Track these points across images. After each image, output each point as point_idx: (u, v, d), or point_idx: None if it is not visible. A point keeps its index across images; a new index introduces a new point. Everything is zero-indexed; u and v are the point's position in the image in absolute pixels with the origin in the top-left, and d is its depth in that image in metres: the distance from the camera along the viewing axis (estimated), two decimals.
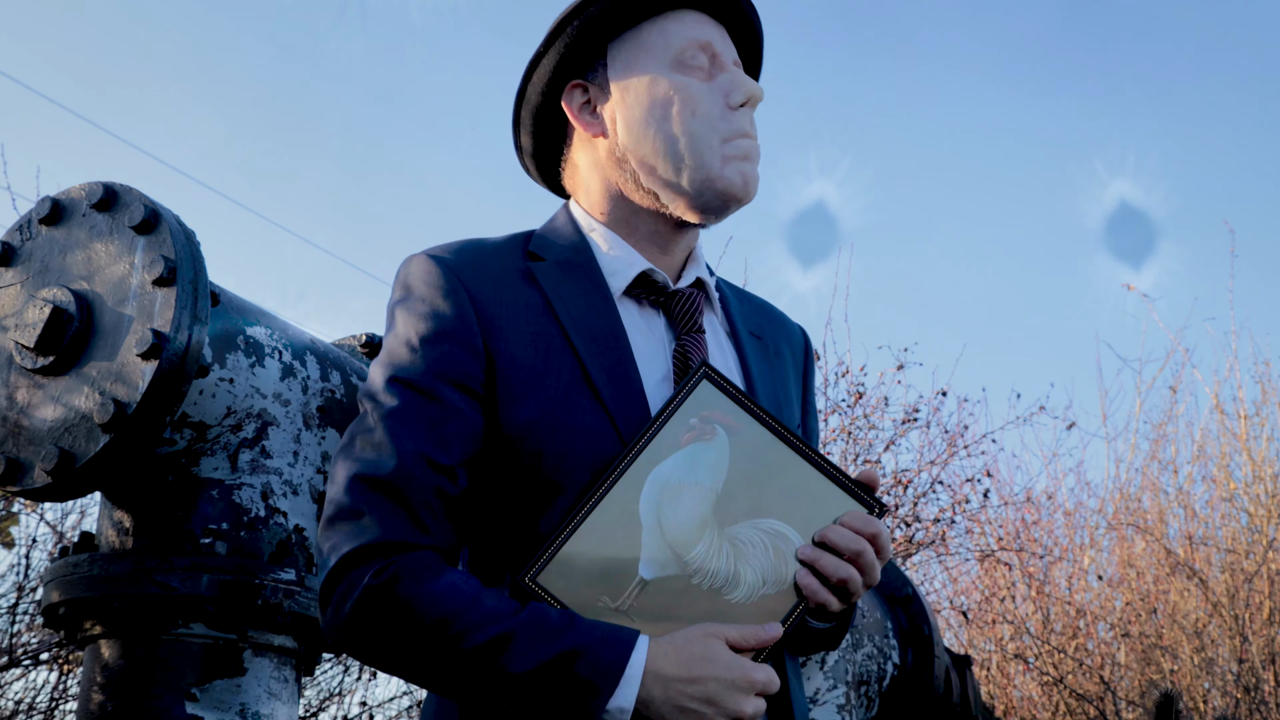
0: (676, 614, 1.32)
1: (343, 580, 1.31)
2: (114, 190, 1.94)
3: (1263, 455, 7.75)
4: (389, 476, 1.34)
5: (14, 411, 1.91)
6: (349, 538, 1.32)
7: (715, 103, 1.53)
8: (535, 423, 1.39)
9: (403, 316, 1.45)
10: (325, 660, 5.00)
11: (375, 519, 1.33)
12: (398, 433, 1.36)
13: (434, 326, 1.42)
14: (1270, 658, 6.58)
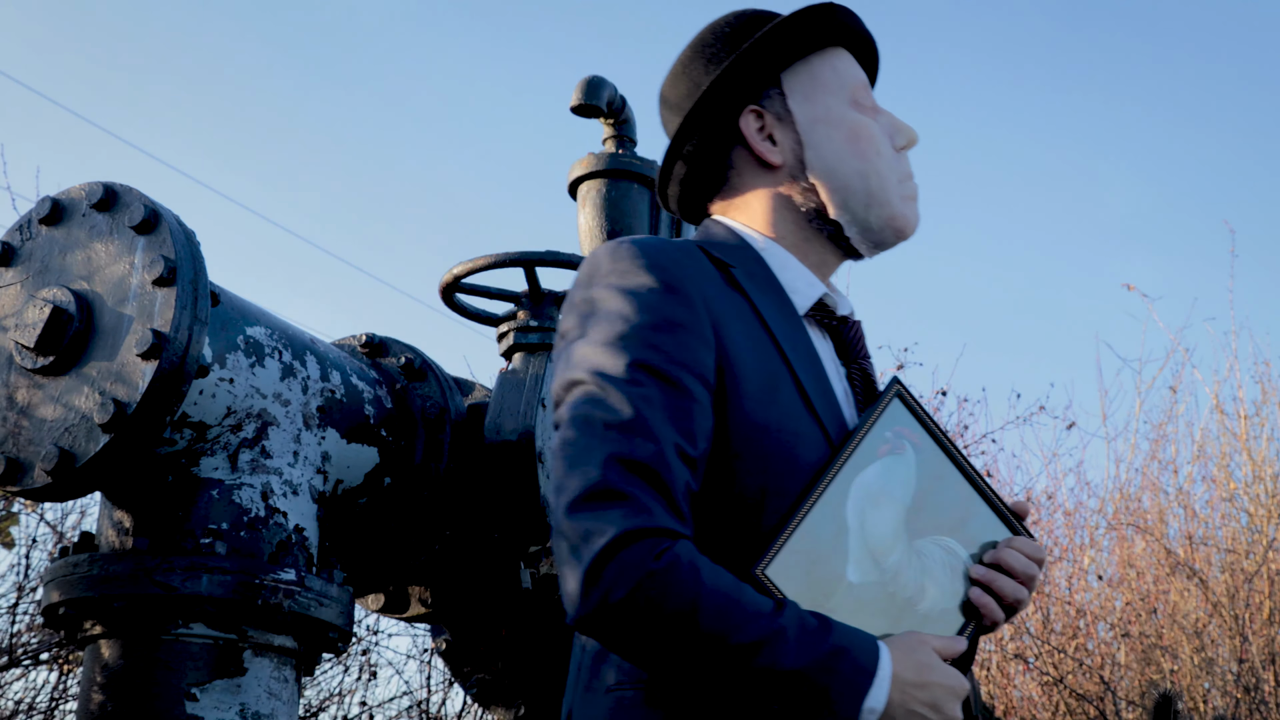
0: (872, 618, 1.36)
1: (613, 561, 1.27)
2: (114, 190, 1.94)
3: (1263, 455, 7.74)
4: (649, 461, 1.32)
5: (14, 411, 1.91)
6: (618, 518, 1.29)
7: (886, 143, 1.60)
8: (765, 426, 1.40)
9: (624, 301, 1.40)
10: (325, 660, 5.00)
11: (643, 502, 1.30)
12: (652, 418, 1.34)
13: (668, 315, 1.40)
14: (1270, 658, 6.58)
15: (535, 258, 2.26)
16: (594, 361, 1.37)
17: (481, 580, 2.38)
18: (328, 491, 2.10)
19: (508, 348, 2.31)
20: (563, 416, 1.37)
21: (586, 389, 1.36)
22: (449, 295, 2.37)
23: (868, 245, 1.59)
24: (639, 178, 2.98)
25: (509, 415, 2.21)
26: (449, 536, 2.27)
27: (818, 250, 1.59)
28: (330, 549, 2.20)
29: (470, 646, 2.68)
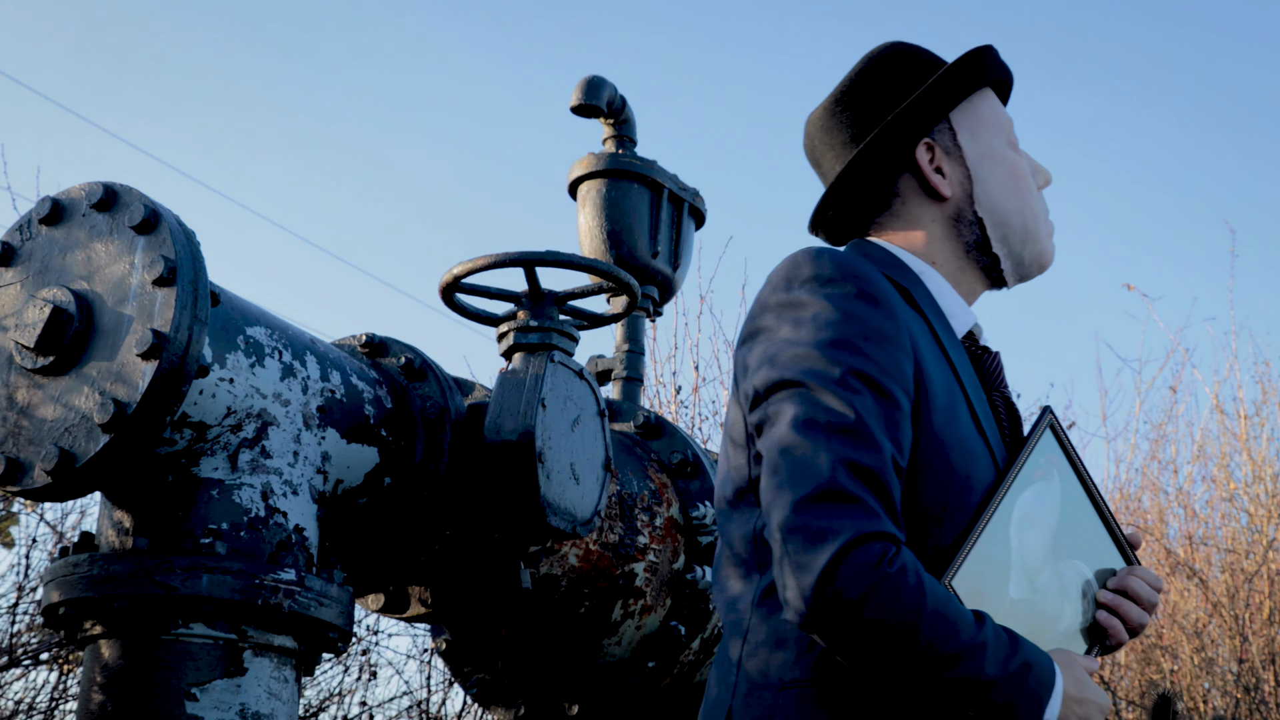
0: (1023, 634, 1.42)
1: (847, 561, 1.31)
2: (114, 190, 1.94)
3: (1263, 455, 7.74)
4: (874, 469, 1.36)
5: (14, 411, 1.91)
6: (852, 520, 1.33)
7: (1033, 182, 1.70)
8: (948, 442, 1.46)
9: (832, 308, 1.42)
10: (325, 660, 5.00)
11: (873, 507, 1.35)
12: (874, 428, 1.38)
13: (877, 326, 1.43)
14: (1270, 658, 6.58)
15: (535, 258, 2.26)
16: (807, 365, 1.39)
17: (481, 580, 2.38)
18: (328, 491, 2.10)
19: (508, 348, 2.31)
20: (776, 415, 1.39)
21: (803, 391, 1.39)
22: (449, 295, 2.37)
23: (1016, 277, 1.69)
24: (639, 178, 2.98)
25: (509, 415, 2.21)
26: (449, 536, 2.27)
27: (970, 279, 1.66)
28: (330, 549, 2.20)
29: (470, 646, 2.68)
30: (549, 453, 2.22)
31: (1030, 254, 1.67)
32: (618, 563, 2.52)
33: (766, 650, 1.44)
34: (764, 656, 1.44)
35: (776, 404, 1.40)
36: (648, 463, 2.71)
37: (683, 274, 3.09)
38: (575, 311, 2.41)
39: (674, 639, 2.59)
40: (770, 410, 1.40)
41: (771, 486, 1.36)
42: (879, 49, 1.70)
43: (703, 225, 3.17)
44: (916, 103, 1.62)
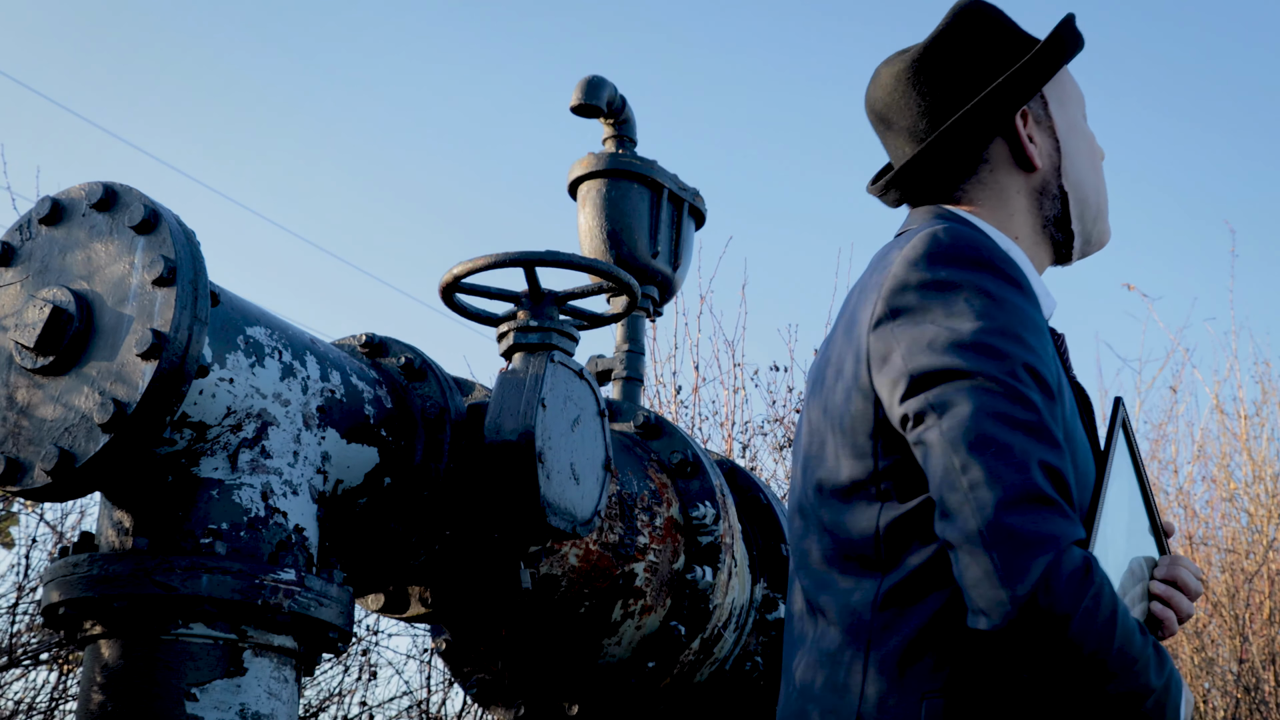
0: None
1: (1059, 570, 1.28)
2: (114, 190, 1.94)
3: (1263, 455, 7.74)
4: (1060, 469, 1.34)
5: (14, 411, 1.91)
6: (1060, 528, 1.30)
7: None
8: (1075, 438, 1.44)
9: (987, 297, 1.37)
10: (325, 660, 5.00)
11: (1069, 511, 1.33)
12: (1052, 430, 1.34)
13: (1033, 317, 1.40)
14: (1270, 658, 6.57)
15: (535, 258, 2.26)
16: (978, 355, 1.33)
17: (481, 580, 2.38)
18: (328, 491, 2.10)
19: (508, 348, 2.31)
20: (947, 407, 1.33)
21: (980, 384, 1.32)
22: (449, 295, 2.37)
23: (1080, 255, 1.66)
24: (639, 178, 2.98)
25: (509, 415, 2.21)
26: (449, 536, 2.27)
27: (1041, 255, 1.63)
28: (330, 549, 2.20)
29: (470, 646, 2.68)
30: (549, 453, 2.22)
31: (1098, 232, 1.65)
32: (618, 563, 2.52)
33: (900, 656, 1.38)
34: (898, 662, 1.38)
35: (946, 394, 1.32)
36: (648, 463, 2.71)
37: (683, 274, 3.09)
38: (575, 311, 2.41)
39: (674, 639, 2.59)
40: (935, 399, 1.33)
41: (959, 485, 1.30)
42: (964, 6, 1.62)
43: (703, 225, 3.17)
44: (1024, 70, 1.55)
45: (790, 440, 6.82)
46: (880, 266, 1.47)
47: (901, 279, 1.40)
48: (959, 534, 1.30)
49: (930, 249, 1.41)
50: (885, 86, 1.63)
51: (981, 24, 1.61)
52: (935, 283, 1.38)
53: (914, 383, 1.35)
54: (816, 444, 1.50)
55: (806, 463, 1.52)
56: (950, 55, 1.59)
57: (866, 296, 1.46)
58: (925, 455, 1.34)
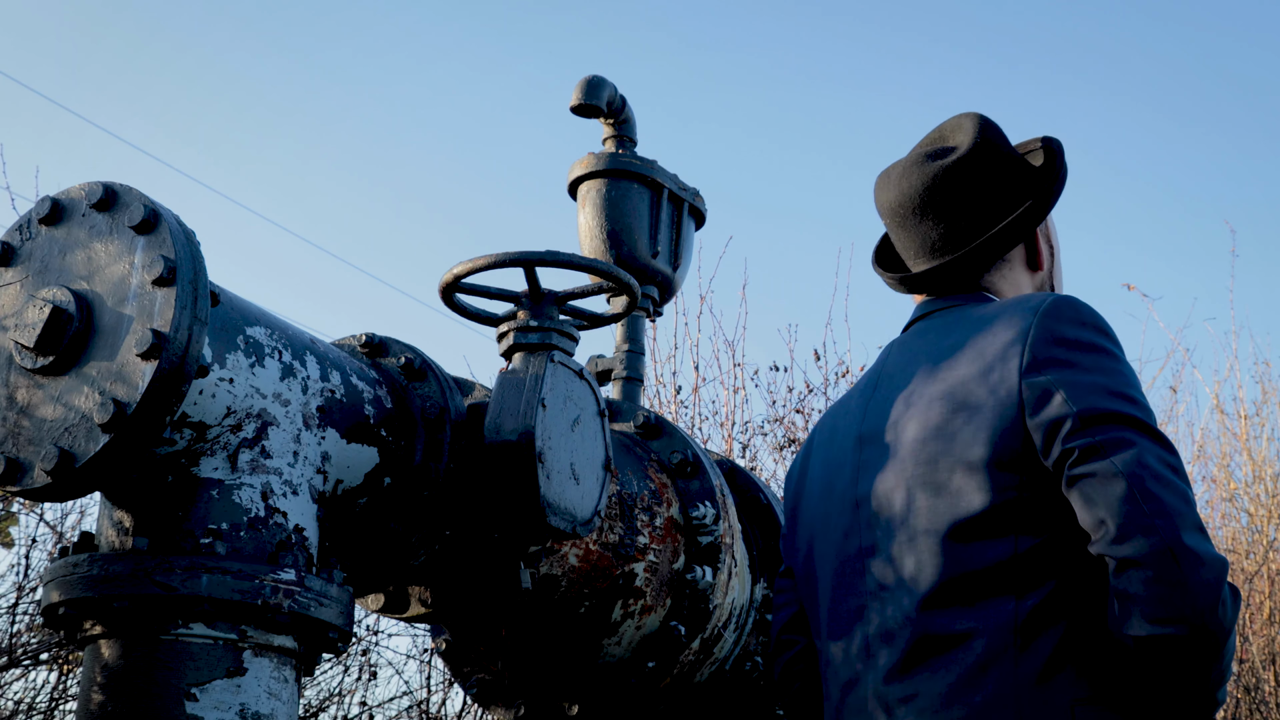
0: None
1: (1226, 590, 1.53)
2: (114, 190, 1.94)
3: (1263, 455, 7.74)
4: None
5: (14, 411, 1.91)
6: (1220, 554, 1.54)
7: None
8: None
9: (1121, 358, 1.67)
10: (325, 660, 5.00)
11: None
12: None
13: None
14: (1270, 658, 6.57)
15: (535, 258, 2.26)
16: (1136, 408, 1.60)
17: (481, 580, 2.38)
18: (328, 491, 2.10)
19: (508, 348, 2.31)
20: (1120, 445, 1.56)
21: (1147, 431, 1.58)
22: (449, 295, 2.37)
23: None
24: (639, 178, 2.98)
25: (509, 415, 2.21)
26: (449, 536, 2.27)
27: None
28: (330, 549, 2.20)
29: (470, 646, 2.67)
30: (549, 453, 2.22)
31: None
32: (618, 563, 2.52)
33: (1046, 669, 1.57)
34: (1044, 676, 1.57)
35: (1115, 433, 1.57)
36: (648, 463, 2.70)
37: (683, 274, 3.09)
38: (575, 311, 2.41)
39: (674, 639, 2.59)
40: (1105, 437, 1.56)
41: (1140, 511, 1.52)
42: (985, 125, 1.92)
43: (703, 225, 3.17)
44: (1051, 193, 1.90)
45: (791, 440, 6.81)
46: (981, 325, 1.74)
47: (1050, 331, 1.66)
48: (1142, 552, 1.51)
49: (1072, 313, 1.68)
50: (919, 188, 1.89)
51: (1001, 142, 1.92)
52: (1084, 343, 1.65)
53: (1082, 422, 1.58)
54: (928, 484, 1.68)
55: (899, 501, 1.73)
56: (984, 170, 1.88)
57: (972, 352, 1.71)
58: (1092, 485, 1.56)
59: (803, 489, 2.00)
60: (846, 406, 1.93)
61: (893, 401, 1.77)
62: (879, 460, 1.76)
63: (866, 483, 1.77)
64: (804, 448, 2.03)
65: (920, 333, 1.84)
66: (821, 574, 1.86)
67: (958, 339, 1.74)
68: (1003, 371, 1.64)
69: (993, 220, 1.87)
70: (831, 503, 1.86)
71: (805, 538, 1.93)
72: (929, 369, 1.74)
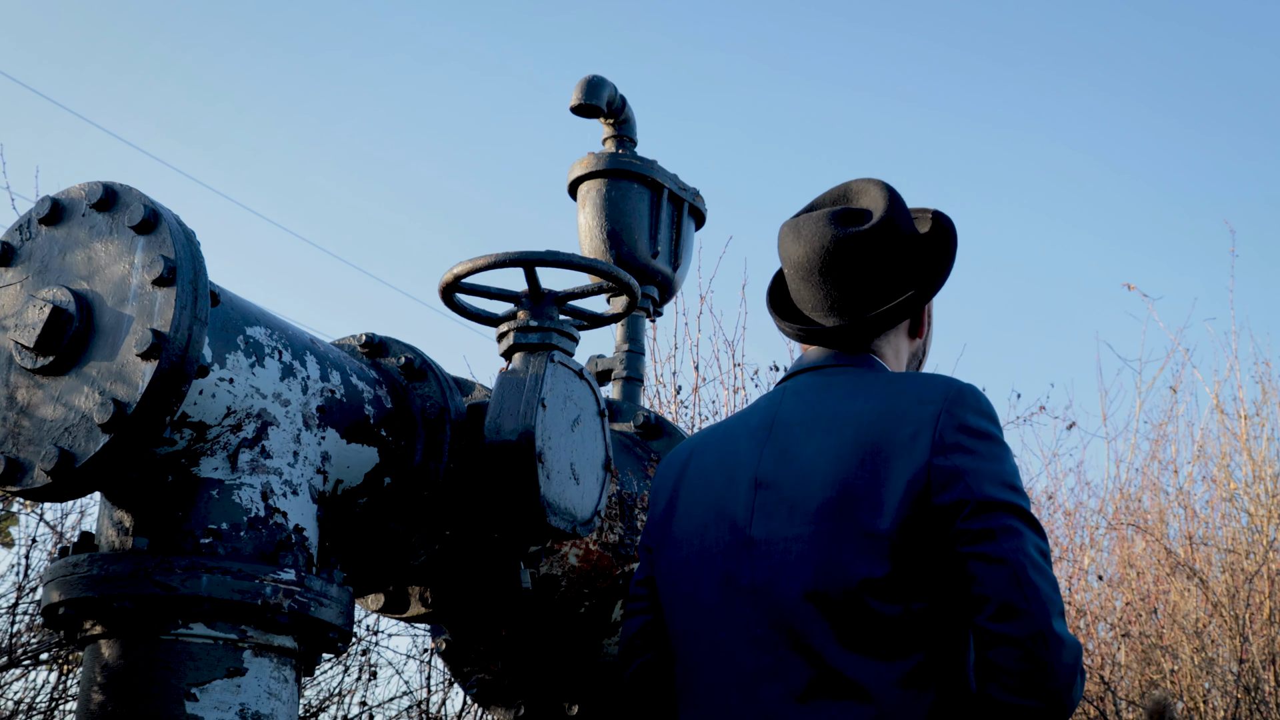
0: None
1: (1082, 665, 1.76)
2: (114, 190, 1.94)
3: (1263, 455, 7.74)
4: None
5: (14, 411, 1.91)
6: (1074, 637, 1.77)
7: None
8: None
9: (1008, 449, 1.87)
10: (325, 660, 5.00)
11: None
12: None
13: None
14: (1270, 658, 6.57)
15: (535, 258, 2.26)
16: (1022, 500, 1.81)
17: (481, 580, 2.38)
18: (328, 491, 2.10)
19: (508, 348, 2.31)
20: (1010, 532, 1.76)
21: (1030, 521, 1.79)
22: (449, 295, 2.37)
23: None
24: (639, 177, 2.98)
25: (509, 415, 2.21)
26: (449, 536, 2.27)
27: None
28: (330, 549, 2.20)
29: (470, 646, 2.67)
30: (549, 453, 2.22)
31: None
32: (618, 563, 2.52)
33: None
34: None
35: (1009, 521, 1.77)
36: (648, 463, 2.71)
37: (683, 274, 3.09)
38: (575, 311, 2.41)
39: None
40: (1001, 525, 1.76)
41: (1024, 596, 1.73)
42: (894, 197, 2.03)
43: (703, 225, 3.17)
44: (945, 270, 2.04)
45: None
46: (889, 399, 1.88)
47: (956, 417, 1.83)
48: (1017, 632, 1.71)
49: (973, 401, 1.86)
50: (826, 249, 1.99)
51: (905, 217, 2.04)
52: (983, 432, 1.84)
53: (979, 507, 1.77)
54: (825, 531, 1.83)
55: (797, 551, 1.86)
56: (888, 244, 2.00)
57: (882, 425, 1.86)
58: (980, 565, 1.75)
59: (674, 511, 2.05)
60: (733, 443, 2.01)
61: (795, 452, 1.90)
62: (777, 507, 1.88)
63: (762, 526, 1.89)
64: (671, 469, 2.10)
65: (818, 389, 1.96)
66: (700, 597, 1.95)
67: (863, 406, 1.88)
68: (913, 451, 1.81)
69: (891, 292, 2.00)
70: (714, 536, 1.95)
71: (678, 557, 2.00)
72: (836, 431, 1.88)
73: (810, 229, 2.00)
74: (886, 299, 2.00)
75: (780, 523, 1.87)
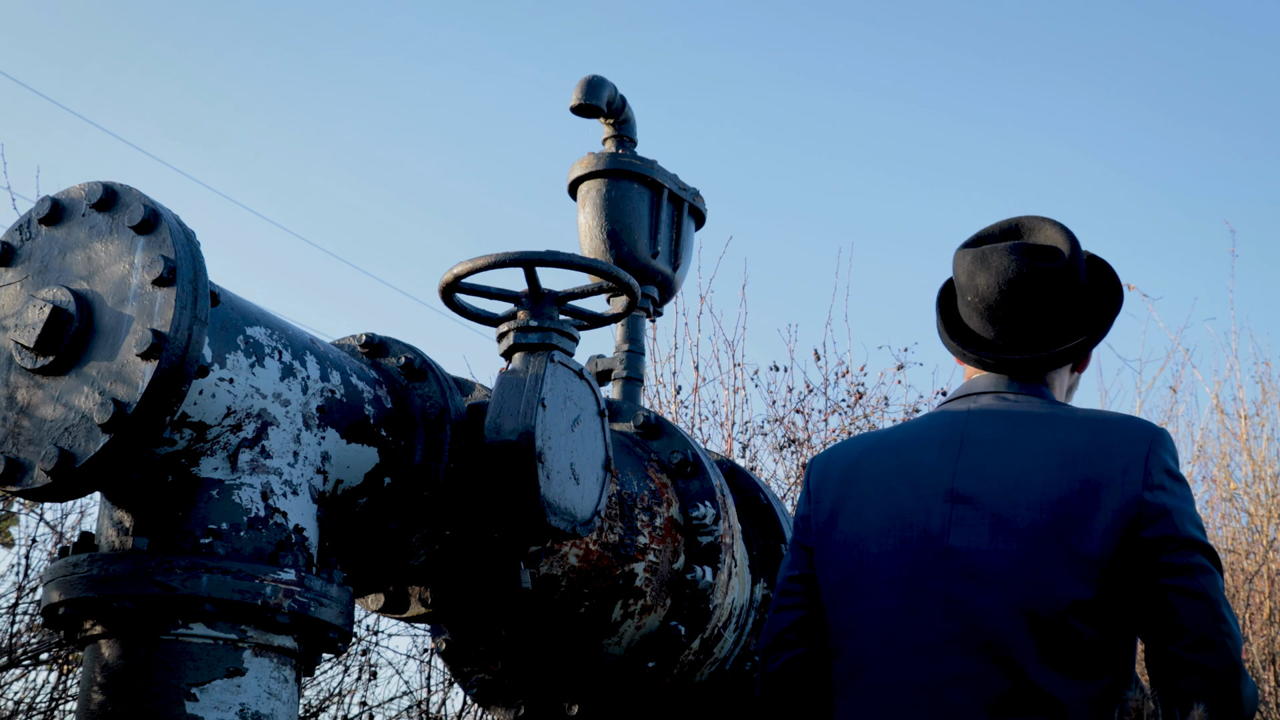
0: None
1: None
2: (114, 190, 1.94)
3: (1263, 455, 7.74)
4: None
5: (14, 411, 1.91)
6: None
7: None
8: None
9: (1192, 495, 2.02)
10: (325, 660, 5.00)
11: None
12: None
13: None
14: (1270, 658, 6.57)
15: (535, 258, 2.26)
16: (1209, 543, 1.95)
17: (481, 580, 2.38)
18: (328, 491, 2.10)
19: (508, 348, 2.31)
20: (1202, 570, 1.91)
21: (1215, 561, 1.94)
22: (449, 295, 2.37)
23: None
24: (639, 177, 2.98)
25: (509, 415, 2.21)
26: (449, 536, 2.27)
27: None
28: (330, 549, 2.20)
29: (470, 646, 2.67)
30: (549, 453, 2.22)
31: None
32: (618, 563, 2.52)
33: None
34: None
35: (1204, 560, 1.92)
36: (648, 463, 2.70)
37: (683, 274, 3.09)
38: (575, 311, 2.41)
39: (674, 639, 2.59)
40: (1200, 562, 1.91)
41: (1218, 629, 1.88)
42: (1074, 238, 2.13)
43: (703, 225, 3.17)
44: (1115, 315, 2.16)
45: (791, 440, 6.81)
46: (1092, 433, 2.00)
47: (1159, 459, 1.96)
48: (1219, 664, 1.86)
49: (1169, 445, 1.99)
50: (1018, 283, 2.07)
51: (1083, 258, 2.16)
52: (1178, 475, 1.99)
53: (1181, 544, 1.91)
54: (1036, 551, 1.94)
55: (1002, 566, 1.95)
56: (1074, 283, 2.11)
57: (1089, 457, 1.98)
58: (1179, 597, 1.89)
59: (841, 511, 2.13)
60: (916, 453, 2.09)
61: (995, 470, 2.00)
62: (978, 521, 1.97)
63: (961, 538, 1.97)
64: (835, 469, 2.19)
65: (1010, 414, 2.07)
66: (878, 599, 2.03)
67: (1068, 436, 2.00)
68: (1124, 484, 1.93)
69: (1067, 328, 2.10)
70: (898, 541, 2.02)
71: (850, 559, 2.08)
72: (1040, 455, 1.99)
73: (999, 261, 2.09)
74: (1065, 336, 2.11)
75: (982, 537, 1.95)
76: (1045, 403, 2.08)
